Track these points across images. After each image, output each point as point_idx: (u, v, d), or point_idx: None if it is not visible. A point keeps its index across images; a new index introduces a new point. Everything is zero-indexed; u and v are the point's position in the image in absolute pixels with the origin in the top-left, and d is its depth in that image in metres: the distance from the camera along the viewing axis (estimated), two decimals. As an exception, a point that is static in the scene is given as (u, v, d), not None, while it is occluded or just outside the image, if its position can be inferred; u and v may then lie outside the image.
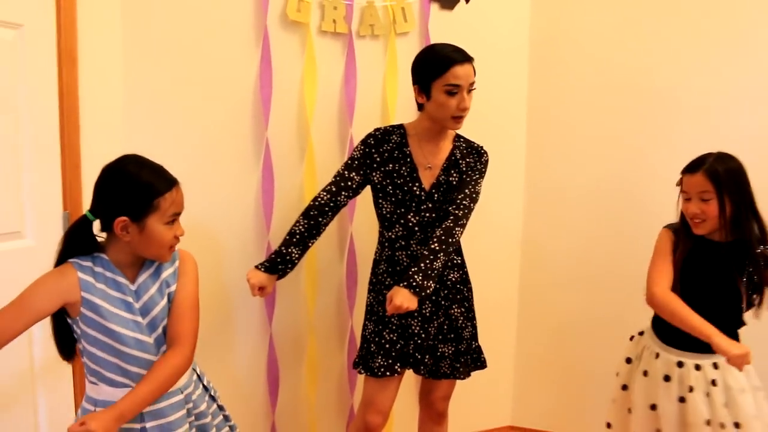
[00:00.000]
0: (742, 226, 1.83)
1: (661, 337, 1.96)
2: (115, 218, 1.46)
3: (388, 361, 2.08)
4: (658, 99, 2.69)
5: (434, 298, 2.12)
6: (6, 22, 1.80)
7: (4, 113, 1.81)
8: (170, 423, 1.54)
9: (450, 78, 1.98)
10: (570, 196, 2.89)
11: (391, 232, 2.13)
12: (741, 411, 1.82)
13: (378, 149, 2.12)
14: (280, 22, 2.37)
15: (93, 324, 1.48)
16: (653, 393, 1.93)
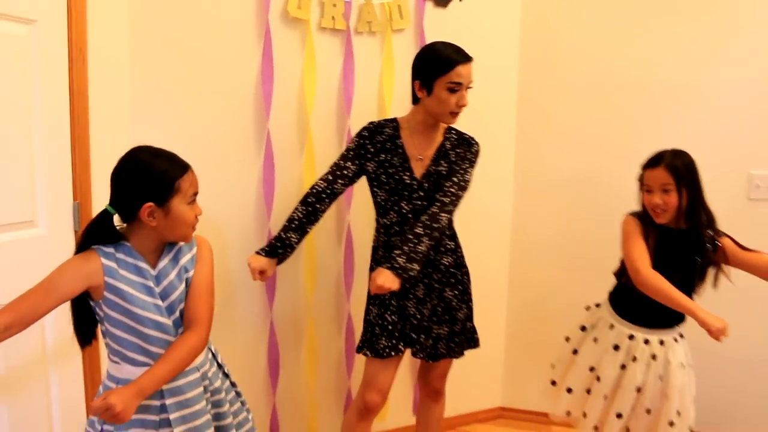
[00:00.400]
0: (695, 215, 2.00)
1: (617, 311, 2.13)
2: (141, 206, 1.52)
3: (392, 342, 2.18)
4: (640, 94, 2.84)
5: (427, 281, 2.22)
6: (20, 18, 1.86)
7: (19, 106, 1.87)
8: (188, 400, 1.62)
9: (453, 76, 2.09)
10: (557, 186, 3.01)
11: (386, 219, 2.23)
12: (671, 383, 2.01)
13: (371, 140, 2.21)
14: (281, 19, 2.46)
15: (116, 307, 1.55)
16: (596, 358, 2.13)
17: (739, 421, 2.87)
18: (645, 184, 2.06)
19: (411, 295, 2.21)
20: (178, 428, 1.60)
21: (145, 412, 1.58)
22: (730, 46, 2.71)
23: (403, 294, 2.20)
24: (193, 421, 1.62)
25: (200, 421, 1.64)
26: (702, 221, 2.01)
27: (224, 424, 1.72)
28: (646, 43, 2.81)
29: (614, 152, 2.89)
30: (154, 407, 1.60)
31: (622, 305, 2.13)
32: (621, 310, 2.12)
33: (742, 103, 2.72)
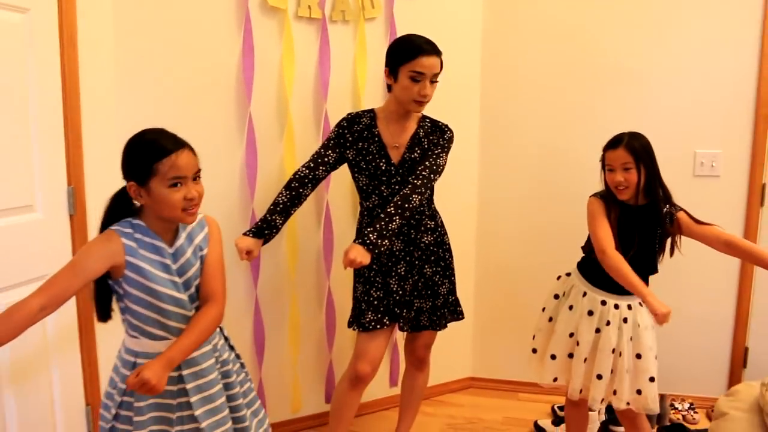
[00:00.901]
0: (652, 190, 2.19)
1: (588, 279, 2.30)
2: (127, 183, 1.61)
3: (377, 316, 2.32)
4: (597, 78, 3.06)
5: (409, 259, 2.36)
6: (15, 6, 1.90)
7: (15, 93, 1.93)
8: (202, 370, 1.71)
9: (416, 65, 2.20)
10: (520, 165, 3.20)
11: (368, 202, 2.36)
12: (641, 344, 2.20)
13: (350, 130, 2.34)
14: (260, 8, 2.55)
15: (136, 284, 1.62)
16: (574, 324, 2.28)
17: (680, 379, 3.14)
18: (607, 164, 2.23)
19: (393, 272, 2.35)
20: (194, 397, 1.69)
21: None
22: (675, 34, 2.95)
23: (386, 272, 2.34)
24: (207, 390, 1.72)
25: (214, 389, 1.73)
26: (659, 196, 2.20)
27: (233, 393, 1.81)
28: (602, 29, 3.02)
29: (573, 131, 3.10)
30: (172, 378, 1.68)
31: (591, 274, 2.29)
32: (591, 278, 2.29)
33: (689, 88, 2.97)
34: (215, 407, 1.73)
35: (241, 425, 1.82)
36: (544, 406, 3.13)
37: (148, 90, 2.41)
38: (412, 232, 2.35)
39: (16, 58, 1.93)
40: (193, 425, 1.70)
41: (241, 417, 1.82)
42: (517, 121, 3.18)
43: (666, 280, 2.38)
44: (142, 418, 1.67)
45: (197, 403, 1.69)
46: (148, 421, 1.68)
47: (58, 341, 2.13)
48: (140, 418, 1.67)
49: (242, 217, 2.62)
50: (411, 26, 2.82)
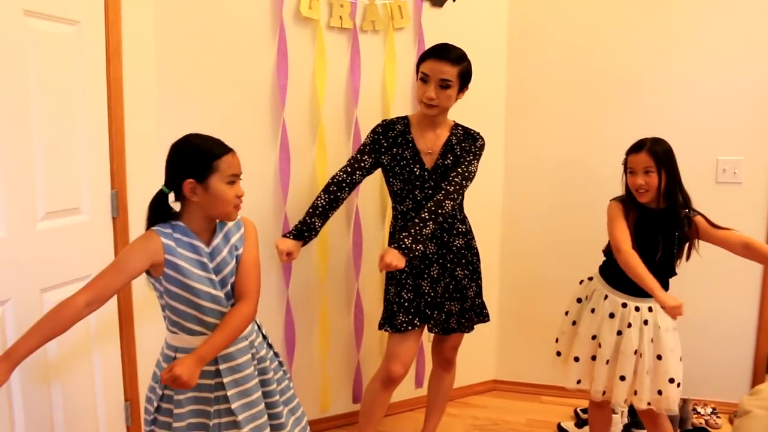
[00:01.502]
0: (672, 194, 2.25)
1: (609, 282, 2.36)
2: (183, 182, 1.68)
3: (408, 317, 2.38)
4: (619, 86, 3.11)
5: (441, 261, 2.43)
6: (67, 19, 2.00)
7: (65, 101, 2.02)
8: (239, 365, 1.78)
9: (423, 67, 2.30)
10: (544, 171, 3.25)
11: (402, 206, 2.42)
12: (662, 345, 2.25)
13: (384, 136, 2.41)
14: (293, 19, 2.64)
15: (175, 282, 1.71)
16: (596, 326, 2.34)
17: (703, 384, 3.16)
18: (629, 167, 2.29)
19: (426, 275, 2.42)
20: (231, 391, 1.77)
21: (201, 377, 1.73)
22: (697, 42, 2.99)
23: (419, 274, 2.41)
24: (243, 384, 1.79)
25: (250, 384, 1.80)
26: (678, 201, 2.26)
27: (269, 390, 1.88)
28: (625, 38, 3.08)
29: (595, 139, 3.15)
30: (210, 372, 1.76)
31: (612, 277, 2.34)
32: (612, 281, 2.34)
33: (711, 95, 3.01)
34: (251, 401, 1.79)
35: (276, 421, 1.88)
36: (567, 409, 3.18)
37: (187, 98, 2.50)
38: (444, 236, 2.42)
39: (66, 68, 2.03)
40: (229, 418, 1.77)
41: (278, 413, 1.88)
42: (541, 130, 3.24)
43: (688, 285, 2.44)
44: (182, 410, 1.75)
45: (234, 397, 1.76)
46: (187, 413, 1.76)
47: (99, 339, 2.22)
48: (180, 411, 1.75)
49: (275, 221, 2.71)
50: (439, 36, 2.90)
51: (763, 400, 1.66)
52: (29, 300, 1.92)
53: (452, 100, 2.34)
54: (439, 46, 2.33)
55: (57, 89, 1.99)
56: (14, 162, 1.84)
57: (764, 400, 1.66)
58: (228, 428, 1.77)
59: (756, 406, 1.64)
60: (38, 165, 1.93)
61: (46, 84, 1.94)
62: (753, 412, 1.62)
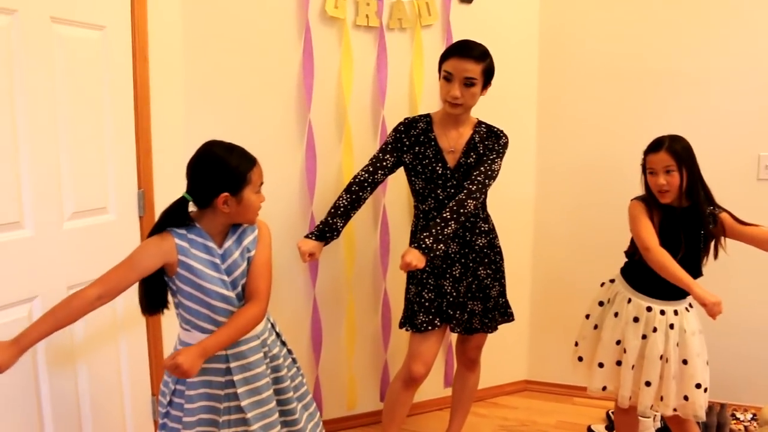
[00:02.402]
0: (695, 193, 2.18)
1: (632, 285, 2.30)
2: (217, 195, 1.71)
3: (429, 317, 2.37)
4: (654, 84, 3.02)
5: (464, 261, 2.41)
6: (93, 24, 2.06)
7: (93, 104, 2.08)
8: (250, 363, 1.81)
9: (446, 65, 2.27)
10: (576, 173, 3.19)
11: (425, 205, 2.41)
12: (688, 350, 2.19)
13: (407, 134, 2.40)
14: (319, 18, 2.65)
15: (187, 281, 1.75)
16: (620, 331, 2.28)
17: (743, 388, 3.06)
18: (649, 167, 2.24)
19: (448, 274, 2.40)
20: (241, 388, 1.79)
21: (212, 374, 1.79)
22: (736, 35, 2.88)
23: (441, 274, 2.39)
24: (254, 382, 1.82)
25: (260, 382, 1.83)
26: (701, 198, 2.18)
27: (282, 387, 1.90)
28: (657, 34, 2.98)
29: (630, 138, 3.05)
30: (220, 370, 1.79)
31: (635, 279, 2.29)
32: (635, 284, 2.29)
33: (750, 89, 2.89)
34: (261, 399, 1.82)
35: (290, 417, 1.91)
36: (599, 411, 3.12)
37: (214, 99, 2.54)
38: (467, 235, 2.40)
39: (93, 72, 2.08)
40: (239, 415, 1.80)
41: (291, 410, 1.91)
42: (574, 127, 3.17)
43: (720, 287, 2.31)
44: (193, 405, 1.79)
45: (243, 395, 1.79)
46: (198, 409, 1.79)
47: (126, 333, 2.28)
48: (191, 406, 1.79)
49: (302, 220, 2.73)
50: (467, 33, 2.86)
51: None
52: (56, 297, 1.95)
53: (476, 97, 2.32)
54: (462, 44, 2.30)
55: (84, 92, 2.05)
56: (42, 163, 1.90)
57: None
58: (237, 425, 1.80)
59: (778, 418, 1.58)
60: (65, 166, 1.99)
61: (73, 87, 2.00)
62: (775, 424, 1.56)
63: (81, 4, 2.01)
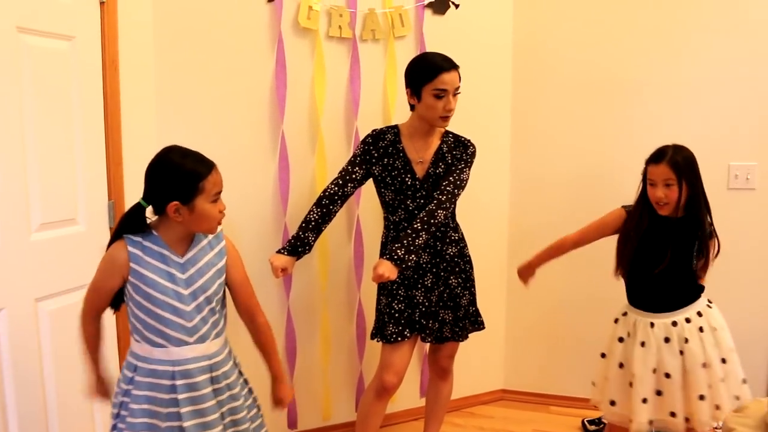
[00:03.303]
0: (695, 205, 2.14)
1: (645, 308, 2.22)
2: (168, 203, 1.67)
3: (398, 328, 2.37)
4: (626, 94, 3.06)
5: (435, 270, 2.41)
6: (62, 35, 2.06)
7: (62, 114, 2.08)
8: (197, 383, 1.74)
9: (438, 83, 2.24)
10: (550, 182, 3.21)
11: (395, 216, 2.41)
12: (723, 347, 2.13)
13: (375, 146, 2.39)
14: (292, 29, 2.66)
15: (137, 290, 1.71)
16: (653, 359, 2.15)
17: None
18: (649, 179, 2.18)
19: (420, 284, 2.41)
20: (185, 408, 1.72)
21: (157, 390, 1.72)
22: (707, 45, 2.92)
23: (412, 284, 2.40)
24: (200, 403, 1.74)
25: (206, 404, 1.75)
26: (702, 212, 2.15)
27: (239, 418, 1.84)
28: (629, 45, 3.02)
29: (604, 149, 3.10)
30: (165, 386, 1.72)
31: (645, 302, 2.22)
32: (648, 306, 2.21)
33: (722, 100, 2.93)
34: (206, 422, 1.74)
35: None
36: (575, 420, 3.13)
37: (186, 110, 2.54)
38: (438, 244, 2.40)
39: (63, 82, 2.08)
40: None
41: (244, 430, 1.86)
42: (548, 136, 3.20)
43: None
44: (134, 420, 1.72)
45: (187, 415, 1.72)
46: (138, 424, 1.72)
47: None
48: (132, 420, 1.72)
49: (275, 231, 2.72)
50: (441, 43, 2.89)
51: (748, 418, 1.62)
52: (23, 309, 1.98)
53: None
54: (441, 57, 2.30)
55: (53, 103, 2.05)
56: (9, 174, 1.89)
57: (749, 418, 1.62)
58: None
59: (740, 424, 1.60)
60: (33, 178, 1.98)
61: (42, 98, 1.99)
62: (737, 429, 1.58)
63: (49, 14, 2.01)
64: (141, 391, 1.72)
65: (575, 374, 3.22)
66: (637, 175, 2.29)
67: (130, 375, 1.75)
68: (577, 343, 3.17)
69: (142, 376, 1.73)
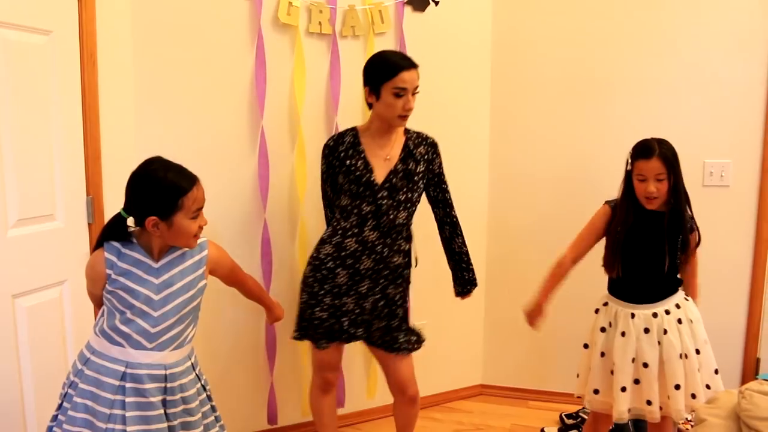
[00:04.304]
0: (679, 198, 2.17)
1: (627, 299, 2.25)
2: (146, 218, 1.67)
3: (325, 336, 2.34)
4: (603, 91, 3.11)
5: (374, 277, 2.32)
6: (39, 29, 2.04)
7: (39, 109, 2.06)
8: (146, 390, 1.71)
9: (398, 82, 2.21)
10: (529, 178, 3.25)
11: (347, 222, 2.32)
12: (698, 338, 2.20)
13: (334, 153, 2.35)
14: (272, 25, 2.66)
15: (110, 292, 1.72)
16: (632, 348, 2.20)
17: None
18: (638, 174, 2.17)
19: (353, 291, 2.32)
20: (131, 413, 1.69)
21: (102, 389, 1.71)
22: (686, 43, 2.97)
23: (343, 292, 2.32)
24: (147, 410, 1.72)
25: (153, 412, 1.72)
26: (683, 203, 2.19)
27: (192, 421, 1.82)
28: (607, 42, 3.06)
29: (582, 145, 3.14)
30: (113, 386, 1.71)
31: (627, 293, 2.25)
32: (629, 297, 2.24)
33: (698, 97, 2.99)
34: (149, 430, 1.72)
35: None
36: (553, 414, 3.17)
37: (165, 106, 2.53)
38: (385, 251, 2.33)
39: (39, 77, 2.07)
40: None
41: None
42: (527, 133, 3.23)
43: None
44: (76, 414, 1.71)
45: (132, 420, 1.70)
46: (79, 419, 1.71)
47: (75, 319, 2.24)
48: (74, 414, 1.71)
49: (255, 227, 2.73)
50: (420, 40, 2.92)
51: (719, 409, 1.65)
52: (1, 305, 1.96)
53: None
54: (399, 56, 2.29)
55: (30, 97, 2.03)
56: (-17, 170, 1.87)
57: (719, 408, 1.65)
58: None
59: (711, 415, 1.63)
60: (9, 173, 1.97)
61: (18, 92, 1.98)
62: (708, 420, 1.61)
63: (26, 8, 1.99)
64: (87, 386, 1.72)
65: (554, 369, 3.27)
66: (615, 170, 2.32)
67: (80, 367, 1.75)
68: (556, 338, 3.20)
69: (91, 370, 1.73)
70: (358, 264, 2.31)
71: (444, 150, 2.44)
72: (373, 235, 2.30)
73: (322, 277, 2.31)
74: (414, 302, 3.10)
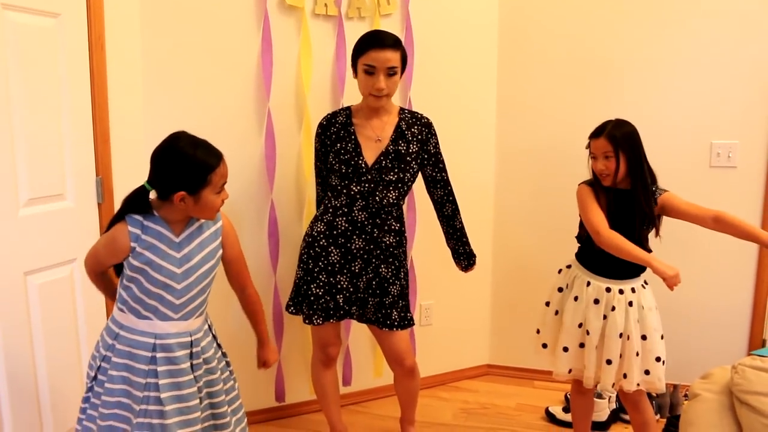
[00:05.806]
0: (636, 175, 2.23)
1: (589, 268, 2.35)
2: (174, 192, 1.71)
3: (321, 313, 2.38)
4: (611, 71, 3.09)
5: (366, 257, 2.36)
6: (47, 12, 2.08)
7: (48, 91, 2.10)
8: (176, 357, 1.80)
9: (367, 59, 2.24)
10: (536, 160, 3.25)
11: (337, 201, 2.36)
12: (647, 325, 2.26)
13: (326, 133, 2.38)
14: (278, 7, 2.68)
15: (132, 267, 1.75)
16: (581, 314, 2.32)
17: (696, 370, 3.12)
18: (591, 152, 2.31)
19: (346, 270, 2.36)
20: (164, 380, 1.77)
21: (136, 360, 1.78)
22: (692, 23, 2.96)
23: (337, 270, 2.36)
24: (178, 377, 1.80)
25: (184, 378, 1.80)
26: (640, 182, 2.24)
27: (215, 390, 1.91)
28: (616, 21, 3.05)
29: (588, 125, 3.07)
30: (145, 357, 1.78)
31: (591, 262, 2.34)
32: (591, 267, 2.34)
33: (705, 79, 2.97)
34: (182, 395, 1.80)
35: (221, 421, 1.92)
36: (558, 394, 3.20)
37: (172, 87, 2.56)
38: (375, 231, 2.36)
39: (48, 59, 2.10)
40: (157, 407, 1.77)
41: (222, 413, 1.92)
42: (533, 116, 3.23)
43: (683, 273, 2.38)
44: (113, 386, 1.79)
45: (165, 387, 1.77)
46: (117, 390, 1.79)
47: (85, 303, 2.30)
48: (111, 386, 1.79)
49: (262, 208, 2.76)
50: (426, 22, 2.93)
51: (713, 384, 1.67)
52: (12, 283, 2.02)
53: (397, 85, 2.33)
54: (375, 34, 2.29)
55: (39, 80, 2.07)
56: (-6, 151, 1.91)
57: (714, 384, 1.67)
58: (153, 416, 1.78)
59: (705, 390, 1.65)
60: (20, 154, 2.01)
61: (28, 75, 2.02)
62: (702, 395, 1.63)
63: (34, -8, 2.03)
64: (120, 359, 1.78)
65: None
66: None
67: (111, 342, 1.80)
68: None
69: (123, 344, 1.79)
70: (349, 243, 2.35)
71: (450, 131, 2.46)
72: (362, 215, 2.33)
73: (316, 255, 2.36)
74: (421, 282, 3.14)
